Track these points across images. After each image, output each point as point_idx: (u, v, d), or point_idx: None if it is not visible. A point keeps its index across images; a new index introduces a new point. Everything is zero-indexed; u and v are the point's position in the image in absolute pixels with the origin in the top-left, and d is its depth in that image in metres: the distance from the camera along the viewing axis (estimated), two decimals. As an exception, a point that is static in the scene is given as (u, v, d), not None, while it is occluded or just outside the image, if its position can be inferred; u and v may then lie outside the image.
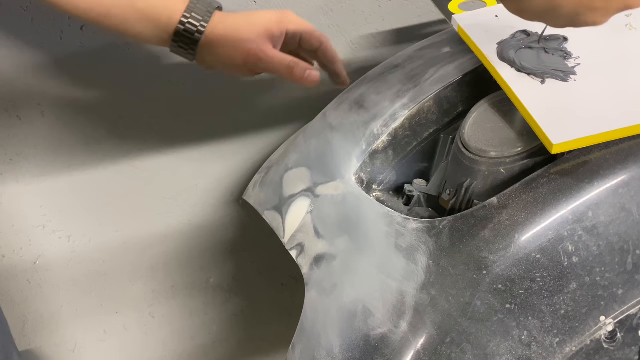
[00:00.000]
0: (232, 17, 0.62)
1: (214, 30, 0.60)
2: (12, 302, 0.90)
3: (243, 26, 0.61)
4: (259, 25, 0.61)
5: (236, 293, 1.05)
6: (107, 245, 0.91)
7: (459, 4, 0.66)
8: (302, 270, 0.59)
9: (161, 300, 1.00)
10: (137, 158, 0.85)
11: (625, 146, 0.50)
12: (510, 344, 0.48)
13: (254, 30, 0.61)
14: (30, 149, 0.79)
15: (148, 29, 0.59)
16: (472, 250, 0.48)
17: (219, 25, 0.60)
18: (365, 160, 0.63)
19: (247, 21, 0.61)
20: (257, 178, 0.75)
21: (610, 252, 0.48)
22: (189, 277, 1.00)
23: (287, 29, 0.63)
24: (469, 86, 0.64)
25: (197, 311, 1.04)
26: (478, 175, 0.55)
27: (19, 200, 0.83)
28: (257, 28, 0.61)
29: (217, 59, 0.62)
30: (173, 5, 0.59)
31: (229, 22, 0.61)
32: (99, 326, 0.99)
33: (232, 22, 0.61)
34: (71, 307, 0.94)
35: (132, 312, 0.99)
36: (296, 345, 0.57)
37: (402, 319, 0.50)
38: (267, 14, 0.63)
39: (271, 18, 0.62)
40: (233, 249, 1.01)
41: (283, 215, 0.65)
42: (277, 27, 0.62)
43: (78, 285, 0.93)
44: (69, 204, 0.85)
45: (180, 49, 0.61)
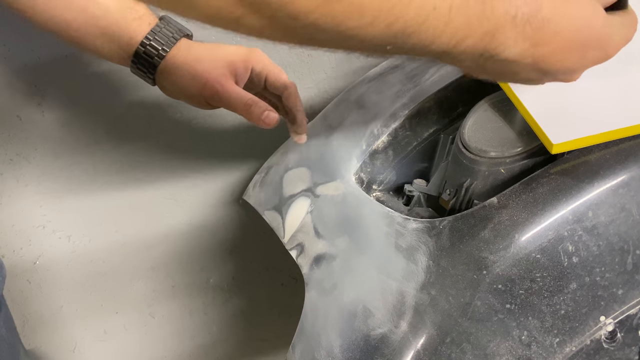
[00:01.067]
0: (197, 47, 0.60)
1: (174, 57, 0.58)
2: (12, 302, 0.90)
3: (205, 57, 0.59)
4: (221, 59, 0.60)
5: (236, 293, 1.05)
6: (107, 245, 0.91)
7: (459, 4, 0.66)
8: (302, 270, 0.59)
9: (161, 300, 1.00)
10: (137, 158, 0.85)
11: (625, 146, 0.50)
12: (510, 344, 0.48)
13: (215, 63, 0.59)
14: (30, 149, 0.79)
15: (108, 47, 0.57)
16: (472, 250, 0.48)
17: (181, 53, 0.59)
18: (365, 160, 0.63)
19: (211, 53, 0.59)
20: (257, 178, 0.75)
21: (610, 252, 0.48)
22: (189, 277, 1.00)
23: (253, 67, 0.61)
24: (469, 86, 0.64)
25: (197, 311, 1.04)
26: (478, 175, 0.55)
27: (19, 200, 0.83)
28: (220, 62, 0.59)
29: (174, 87, 0.60)
30: (137, 26, 0.58)
31: (192, 50, 0.59)
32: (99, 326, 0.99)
33: (196, 51, 0.59)
34: (71, 307, 0.94)
35: (132, 312, 0.99)
36: (296, 345, 0.57)
37: (402, 319, 0.50)
38: (234, 49, 0.61)
39: (238, 53, 0.61)
40: (233, 249, 1.01)
41: (283, 215, 0.65)
42: (242, 64, 0.60)
43: (78, 285, 0.93)
44: (69, 204, 0.85)
45: (139, 71, 0.60)
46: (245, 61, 0.61)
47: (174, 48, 0.58)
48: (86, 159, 0.83)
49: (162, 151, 0.86)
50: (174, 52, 0.59)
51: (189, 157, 0.89)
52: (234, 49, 0.61)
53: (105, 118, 0.81)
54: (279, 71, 0.63)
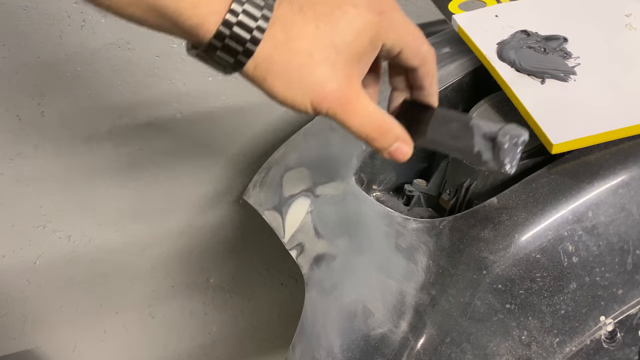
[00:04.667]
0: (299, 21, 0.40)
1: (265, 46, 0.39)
2: (12, 302, 0.90)
3: (317, 47, 0.40)
4: (344, 48, 0.40)
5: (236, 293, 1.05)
6: (107, 245, 0.91)
7: (459, 4, 0.66)
8: (302, 270, 0.59)
9: (161, 300, 1.00)
10: (137, 158, 0.85)
11: (625, 146, 0.50)
12: (510, 344, 0.48)
13: (336, 58, 0.40)
14: (30, 149, 0.79)
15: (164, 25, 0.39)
16: (472, 250, 0.48)
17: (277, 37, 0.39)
18: (365, 160, 0.63)
19: (325, 37, 0.40)
20: (257, 178, 0.75)
21: (610, 252, 0.48)
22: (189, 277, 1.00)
23: (384, 43, 0.42)
24: (469, 86, 0.64)
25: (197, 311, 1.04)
26: (478, 175, 0.55)
27: (19, 200, 0.83)
28: (342, 54, 0.40)
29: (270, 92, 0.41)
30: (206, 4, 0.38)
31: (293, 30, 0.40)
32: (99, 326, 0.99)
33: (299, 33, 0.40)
34: (71, 307, 0.94)
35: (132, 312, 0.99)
36: (296, 345, 0.57)
37: (402, 319, 0.50)
38: (360, 23, 0.40)
39: (365, 30, 0.41)
40: (233, 249, 1.01)
41: (283, 215, 0.65)
42: (370, 46, 0.41)
43: (78, 285, 0.93)
44: (69, 204, 0.85)
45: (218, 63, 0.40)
46: (374, 39, 0.41)
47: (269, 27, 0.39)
48: (86, 158, 0.83)
49: (162, 151, 0.86)
50: (270, 34, 0.39)
51: (189, 157, 0.89)
52: (360, 23, 0.40)
53: (105, 118, 0.81)
54: (418, 40, 0.44)
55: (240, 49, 0.39)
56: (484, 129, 0.43)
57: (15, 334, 0.93)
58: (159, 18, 0.38)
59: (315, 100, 0.41)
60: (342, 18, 0.40)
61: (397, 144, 0.43)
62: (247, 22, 0.38)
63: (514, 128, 0.42)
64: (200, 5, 0.38)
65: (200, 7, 0.38)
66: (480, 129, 0.43)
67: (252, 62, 0.39)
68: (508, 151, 0.42)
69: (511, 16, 0.62)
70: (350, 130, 0.43)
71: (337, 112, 0.42)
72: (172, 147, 0.87)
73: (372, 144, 0.43)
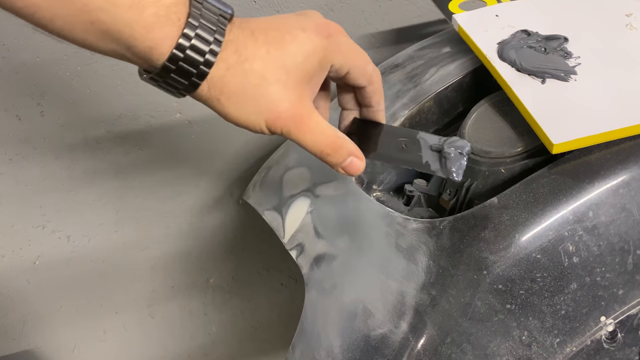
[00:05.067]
0: (251, 45, 0.41)
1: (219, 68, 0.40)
2: (12, 302, 0.90)
3: (269, 69, 0.41)
4: (294, 70, 0.42)
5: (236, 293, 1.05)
6: (107, 245, 0.91)
7: (459, 3, 0.66)
8: (302, 271, 0.59)
9: (161, 300, 1.00)
10: (137, 158, 0.85)
11: (626, 146, 0.50)
12: (510, 345, 0.47)
13: (286, 79, 0.42)
14: (30, 149, 0.79)
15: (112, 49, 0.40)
16: (472, 251, 0.48)
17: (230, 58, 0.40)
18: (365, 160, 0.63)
19: (276, 59, 0.41)
20: (257, 178, 0.75)
21: (611, 252, 0.48)
22: (189, 277, 1.00)
23: (333, 64, 0.44)
24: (469, 86, 0.64)
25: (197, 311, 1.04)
26: (478, 175, 0.55)
27: (19, 200, 0.83)
28: (292, 75, 0.42)
29: (224, 112, 0.42)
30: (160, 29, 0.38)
31: (246, 54, 0.41)
32: (99, 326, 0.99)
33: (252, 55, 0.41)
34: (71, 307, 0.94)
35: (132, 312, 0.99)
36: (296, 346, 0.57)
37: (402, 319, 0.50)
38: (308, 46, 0.42)
39: (313, 52, 0.42)
40: (233, 249, 1.01)
41: (283, 216, 0.65)
42: (319, 68, 0.43)
43: (78, 285, 0.93)
44: (69, 204, 0.85)
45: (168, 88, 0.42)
46: (323, 61, 0.43)
47: (222, 50, 0.40)
48: (86, 159, 0.83)
49: (161, 151, 0.86)
50: (223, 57, 0.40)
51: (189, 157, 0.89)
52: (309, 47, 0.42)
53: (105, 118, 0.81)
54: (363, 61, 0.46)
55: (193, 72, 0.40)
56: (430, 142, 0.47)
57: (15, 334, 0.93)
58: (113, 43, 0.39)
59: (270, 119, 0.42)
60: (292, 42, 0.42)
61: (351, 158, 0.46)
62: (199, 46, 0.39)
63: (458, 140, 0.46)
64: (154, 29, 0.38)
65: (154, 32, 0.38)
66: (426, 142, 0.47)
67: (206, 84, 0.41)
68: (454, 161, 0.46)
69: (511, 16, 0.62)
70: (305, 147, 0.45)
71: (291, 130, 0.43)
72: (172, 147, 0.87)
73: (326, 159, 0.46)
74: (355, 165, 0.46)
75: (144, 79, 0.42)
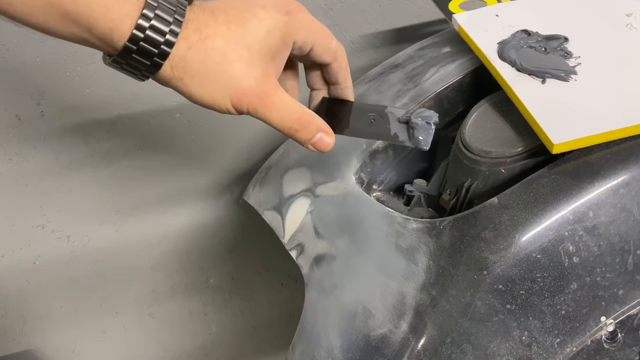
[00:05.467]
0: (212, 24, 0.41)
1: (180, 47, 0.40)
2: (12, 302, 0.90)
3: (231, 47, 0.41)
4: (256, 47, 0.42)
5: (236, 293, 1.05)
6: (107, 245, 0.91)
7: (460, 3, 0.66)
8: (302, 271, 0.59)
9: (161, 300, 1.00)
10: (137, 158, 0.85)
11: (626, 146, 0.50)
12: (510, 345, 0.47)
13: (250, 57, 0.42)
14: (30, 149, 0.79)
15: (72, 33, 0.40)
16: (472, 251, 0.48)
17: (191, 38, 0.41)
18: (365, 160, 0.63)
19: (239, 37, 0.41)
20: (257, 178, 0.75)
21: (611, 252, 0.48)
22: (189, 277, 1.00)
23: (295, 41, 0.44)
24: (469, 86, 0.64)
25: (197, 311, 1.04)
26: (478, 175, 0.55)
27: (18, 200, 0.83)
28: (255, 52, 0.42)
29: (188, 92, 0.42)
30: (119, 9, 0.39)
31: (207, 32, 0.41)
32: (98, 326, 0.99)
33: (214, 34, 0.41)
34: (71, 307, 0.94)
35: (131, 312, 0.99)
36: (296, 346, 0.56)
37: (402, 319, 0.49)
38: (269, 21, 0.42)
39: (275, 28, 0.42)
40: (233, 249, 1.01)
41: (283, 216, 0.65)
42: (282, 45, 0.43)
43: (78, 285, 0.93)
44: (68, 204, 0.85)
45: (130, 70, 0.42)
46: (285, 37, 0.43)
47: (183, 30, 0.40)
48: (86, 159, 0.83)
49: (161, 151, 0.86)
50: (184, 36, 0.40)
51: (189, 157, 0.88)
52: (269, 23, 0.42)
53: (105, 118, 0.81)
54: (326, 37, 0.46)
55: (155, 51, 0.40)
56: (397, 114, 0.48)
57: (15, 334, 0.93)
58: (73, 26, 0.39)
59: (234, 97, 0.42)
60: (252, 19, 0.42)
61: (320, 134, 0.46)
62: (159, 26, 0.39)
63: (424, 111, 0.48)
64: (112, 9, 0.39)
65: (113, 12, 0.39)
66: (394, 115, 0.48)
67: (169, 64, 0.41)
68: (421, 130, 0.47)
69: (512, 16, 0.62)
70: (272, 124, 0.45)
71: (257, 107, 0.43)
72: (172, 147, 0.87)
73: (295, 136, 0.45)
74: (325, 141, 0.46)
75: (107, 63, 0.43)
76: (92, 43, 0.41)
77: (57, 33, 0.40)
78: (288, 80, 0.50)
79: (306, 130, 0.45)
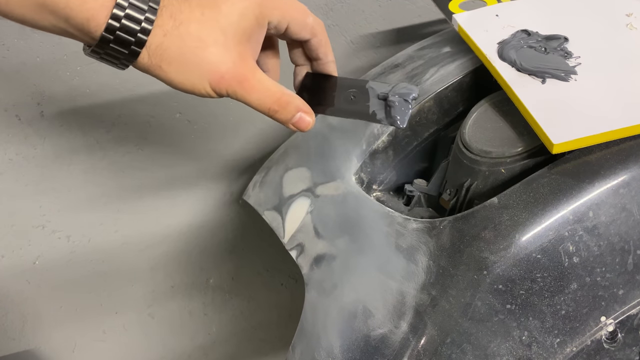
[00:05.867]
0: (185, 9, 0.42)
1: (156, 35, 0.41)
2: (12, 302, 0.90)
3: (206, 31, 0.42)
4: (232, 31, 0.42)
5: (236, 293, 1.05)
6: (107, 245, 0.91)
7: (460, 3, 0.66)
8: (302, 271, 0.59)
9: (161, 300, 1.00)
10: (137, 158, 0.85)
11: (626, 146, 0.50)
12: (510, 345, 0.47)
13: (226, 40, 0.42)
14: (30, 148, 0.79)
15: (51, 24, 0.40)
16: (472, 251, 0.48)
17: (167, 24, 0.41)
18: (365, 160, 0.63)
19: (212, 21, 0.42)
20: (257, 178, 0.75)
21: (611, 252, 0.48)
22: (189, 277, 1.00)
23: (270, 21, 0.45)
24: (469, 86, 0.64)
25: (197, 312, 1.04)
26: (478, 175, 0.55)
27: (19, 200, 0.83)
28: (231, 36, 0.42)
29: (168, 78, 0.43)
30: None
31: (182, 18, 0.42)
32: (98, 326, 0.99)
33: (188, 19, 0.42)
34: (71, 307, 0.94)
35: (131, 313, 0.99)
36: (296, 346, 0.56)
37: (402, 319, 0.49)
38: (241, 4, 0.43)
39: (248, 10, 0.43)
40: (233, 249, 1.01)
41: (283, 216, 0.65)
42: (257, 26, 0.44)
43: (78, 285, 0.93)
44: (69, 204, 0.85)
45: (109, 60, 0.42)
46: (259, 17, 0.43)
47: (158, 17, 0.41)
48: (86, 159, 0.83)
49: (161, 151, 0.86)
50: (159, 24, 0.41)
51: (189, 157, 0.88)
52: (242, 5, 0.43)
53: (105, 118, 0.81)
54: (301, 14, 0.46)
55: (131, 40, 0.41)
56: (377, 90, 0.47)
57: (15, 334, 0.93)
58: (51, 16, 0.40)
59: (213, 81, 0.43)
60: (225, 2, 0.43)
61: (299, 114, 0.46)
62: (134, 14, 0.40)
63: (405, 86, 0.46)
64: (88, 0, 0.39)
65: (88, 2, 0.39)
66: (374, 91, 0.48)
67: (146, 52, 0.42)
68: (398, 108, 0.46)
69: (512, 16, 0.62)
70: (251, 106, 0.45)
71: (236, 90, 0.44)
72: (172, 147, 0.87)
73: (275, 116, 0.46)
74: (305, 121, 0.47)
75: (87, 53, 0.43)
76: (71, 34, 0.41)
77: (37, 24, 0.41)
78: (268, 59, 0.50)
79: (285, 111, 0.46)
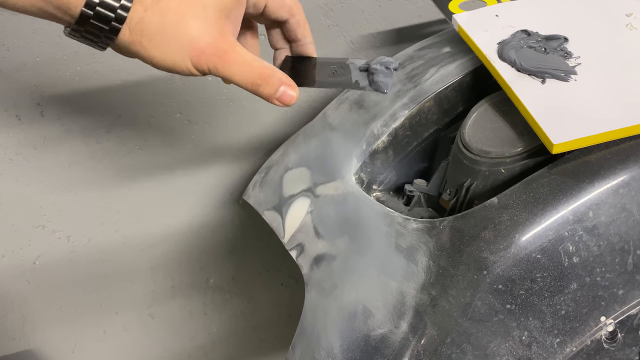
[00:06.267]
0: None
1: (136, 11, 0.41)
2: (12, 302, 0.90)
3: (186, 6, 0.42)
4: (211, 6, 0.43)
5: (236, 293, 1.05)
6: (107, 245, 0.91)
7: (459, 3, 0.66)
8: (302, 271, 0.59)
9: (161, 300, 1.00)
10: (137, 158, 0.85)
11: (626, 146, 0.50)
12: (510, 345, 0.47)
13: (205, 15, 0.42)
14: (30, 148, 0.79)
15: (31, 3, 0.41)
16: (472, 251, 0.48)
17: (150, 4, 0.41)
18: (365, 160, 0.63)
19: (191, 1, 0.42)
20: (257, 178, 0.75)
21: (611, 252, 0.48)
22: (189, 277, 1.00)
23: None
24: (469, 86, 0.64)
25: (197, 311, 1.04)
26: (478, 175, 0.55)
27: (18, 200, 0.83)
28: (210, 11, 0.43)
29: (149, 55, 0.43)
30: None
31: None
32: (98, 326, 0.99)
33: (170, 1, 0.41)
34: (71, 307, 0.94)
35: (131, 313, 0.99)
36: (296, 346, 0.56)
37: (402, 319, 0.49)
38: None
39: None
40: (233, 249, 1.01)
41: (283, 216, 0.65)
42: (237, 2, 0.44)
43: (78, 285, 0.93)
44: (69, 204, 0.85)
45: (88, 39, 0.43)
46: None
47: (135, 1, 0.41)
48: (86, 159, 0.83)
49: (161, 151, 0.86)
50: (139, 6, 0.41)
51: (189, 157, 0.88)
52: None
53: (105, 118, 0.81)
54: None
55: (111, 16, 0.41)
56: (358, 64, 0.50)
57: (15, 334, 0.93)
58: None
59: (194, 56, 0.43)
60: None
61: (283, 88, 0.46)
62: None
63: (385, 58, 0.49)
64: None
65: None
66: (355, 65, 0.50)
67: (127, 28, 0.42)
68: (381, 75, 0.49)
69: (511, 16, 0.62)
70: (233, 80, 0.45)
71: (217, 65, 0.44)
72: (172, 147, 0.87)
73: (258, 91, 0.45)
74: (288, 95, 0.46)
75: (67, 34, 0.43)
76: (51, 14, 0.41)
77: (17, 7, 0.40)
78: (247, 40, 0.51)
79: (268, 85, 0.45)
